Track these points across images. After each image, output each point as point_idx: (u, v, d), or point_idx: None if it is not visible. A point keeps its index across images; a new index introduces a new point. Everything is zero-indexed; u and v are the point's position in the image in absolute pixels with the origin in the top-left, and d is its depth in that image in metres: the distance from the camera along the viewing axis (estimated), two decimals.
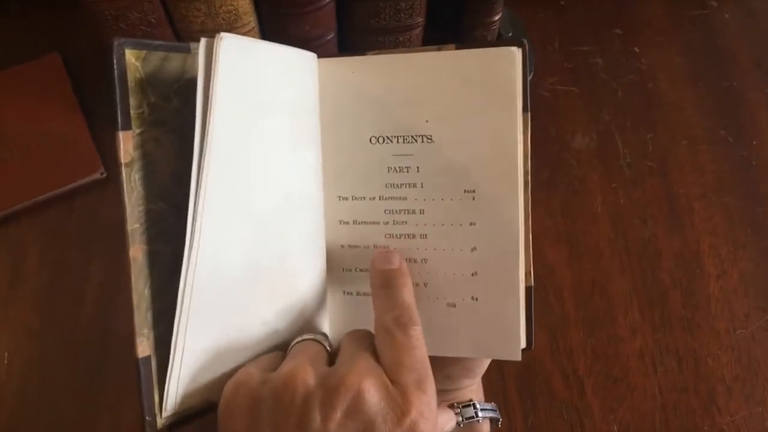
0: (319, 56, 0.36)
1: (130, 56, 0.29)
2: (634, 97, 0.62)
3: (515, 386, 0.49)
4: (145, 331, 0.30)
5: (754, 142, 0.60)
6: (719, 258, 0.54)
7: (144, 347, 0.29)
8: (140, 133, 0.30)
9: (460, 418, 0.38)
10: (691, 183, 0.58)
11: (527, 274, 0.34)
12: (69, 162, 0.56)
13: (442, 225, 0.35)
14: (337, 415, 0.27)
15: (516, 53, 0.33)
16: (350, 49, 0.52)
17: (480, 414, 0.38)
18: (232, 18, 0.46)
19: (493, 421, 0.40)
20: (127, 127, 0.29)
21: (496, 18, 0.52)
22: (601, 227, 0.55)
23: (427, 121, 0.35)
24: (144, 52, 0.30)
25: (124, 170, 0.29)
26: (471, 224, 0.34)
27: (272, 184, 0.32)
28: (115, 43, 0.29)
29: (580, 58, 0.64)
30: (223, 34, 0.29)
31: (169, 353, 0.29)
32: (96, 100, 0.58)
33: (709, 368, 0.50)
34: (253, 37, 0.49)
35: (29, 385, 0.48)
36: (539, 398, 0.49)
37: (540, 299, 0.52)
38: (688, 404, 0.49)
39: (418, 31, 0.51)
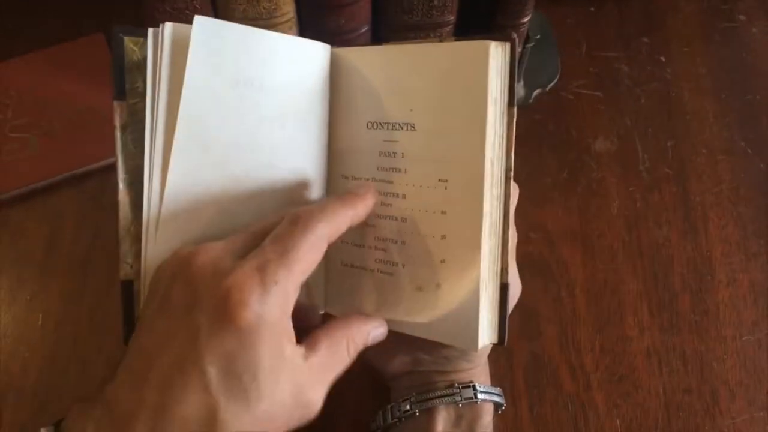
0: None
1: (129, 42, 0.34)
2: (656, 105, 0.63)
3: (523, 376, 0.51)
4: (129, 260, 0.35)
5: None
6: (731, 266, 0.56)
7: (126, 272, 0.35)
8: (135, 103, 0.35)
9: (459, 398, 0.39)
10: (708, 191, 0.59)
11: (503, 270, 0.36)
12: (108, 137, 0.59)
13: (419, 211, 0.37)
14: (176, 285, 0.30)
15: (489, 47, 0.34)
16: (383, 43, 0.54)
17: (479, 396, 0.39)
18: (273, 7, 0.48)
19: (497, 405, 0.42)
20: (121, 98, 0.35)
21: (526, 20, 0.54)
22: (616, 229, 0.57)
23: (411, 110, 0.37)
24: (141, 39, 0.34)
25: (117, 132, 0.35)
26: (442, 213, 0.36)
27: (248, 149, 0.36)
28: (115, 30, 0.34)
29: (605, 63, 0.65)
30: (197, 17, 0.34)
31: None
32: None
33: (714, 371, 0.51)
34: (290, 27, 0.51)
35: (60, 349, 0.51)
36: (546, 389, 0.50)
37: (552, 295, 0.54)
38: (690, 405, 0.50)
39: (448, 29, 0.53)
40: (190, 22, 0.34)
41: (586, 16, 0.68)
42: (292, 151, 0.38)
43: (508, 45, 0.34)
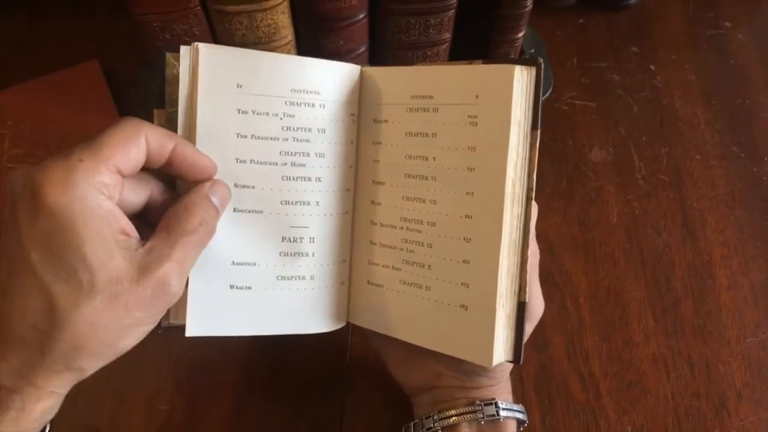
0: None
1: (170, 58, 0.37)
2: (649, 113, 0.64)
3: (533, 387, 0.51)
4: None
5: (765, 159, 0.62)
6: (730, 269, 0.56)
7: None
8: (172, 112, 0.37)
9: (481, 415, 0.40)
10: (704, 196, 0.60)
11: (521, 289, 0.36)
12: None
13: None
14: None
15: (516, 71, 0.35)
16: (380, 62, 0.55)
17: (502, 413, 0.40)
18: (272, 31, 0.49)
19: (519, 422, 0.42)
20: (161, 106, 0.37)
21: (520, 35, 0.54)
22: (616, 237, 0.58)
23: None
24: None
25: None
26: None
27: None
28: (159, 46, 0.38)
29: (597, 74, 0.66)
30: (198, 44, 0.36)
31: None
32: (133, 106, 0.61)
33: (720, 374, 0.52)
34: (289, 50, 0.52)
35: None
36: (556, 399, 0.51)
37: (557, 305, 0.54)
38: (699, 409, 0.51)
39: (445, 47, 0.54)
40: None
41: (575, 28, 0.69)
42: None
43: (533, 69, 0.35)
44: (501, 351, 0.36)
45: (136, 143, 0.31)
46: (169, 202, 0.35)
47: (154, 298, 0.31)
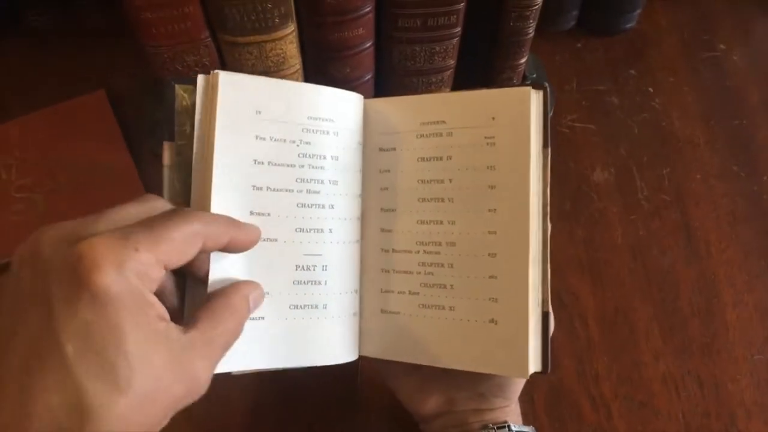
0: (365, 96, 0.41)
1: (179, 90, 0.37)
2: (649, 134, 0.65)
3: (544, 409, 0.51)
4: None
5: (765, 178, 0.63)
6: (735, 287, 0.57)
7: None
8: (182, 145, 0.37)
9: None
10: (706, 216, 0.61)
11: (544, 300, 0.37)
12: (115, 194, 0.59)
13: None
14: (25, 263, 0.27)
15: (531, 93, 0.37)
16: (385, 89, 0.56)
17: None
18: (280, 61, 0.50)
19: None
20: (171, 139, 0.37)
21: (523, 61, 0.56)
22: (622, 257, 0.58)
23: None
24: (190, 86, 0.37)
25: (166, 170, 0.37)
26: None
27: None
28: (169, 80, 0.37)
29: (596, 97, 0.67)
30: (219, 71, 0.36)
31: None
32: (140, 135, 0.61)
33: (729, 393, 0.52)
34: (297, 78, 0.52)
35: None
36: (568, 421, 0.51)
37: (565, 326, 0.55)
38: (710, 428, 0.51)
39: (449, 73, 0.55)
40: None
41: (573, 52, 0.70)
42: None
43: (541, 92, 0.37)
44: (533, 361, 0.37)
45: (194, 246, 0.30)
46: None
47: (185, 397, 0.28)
